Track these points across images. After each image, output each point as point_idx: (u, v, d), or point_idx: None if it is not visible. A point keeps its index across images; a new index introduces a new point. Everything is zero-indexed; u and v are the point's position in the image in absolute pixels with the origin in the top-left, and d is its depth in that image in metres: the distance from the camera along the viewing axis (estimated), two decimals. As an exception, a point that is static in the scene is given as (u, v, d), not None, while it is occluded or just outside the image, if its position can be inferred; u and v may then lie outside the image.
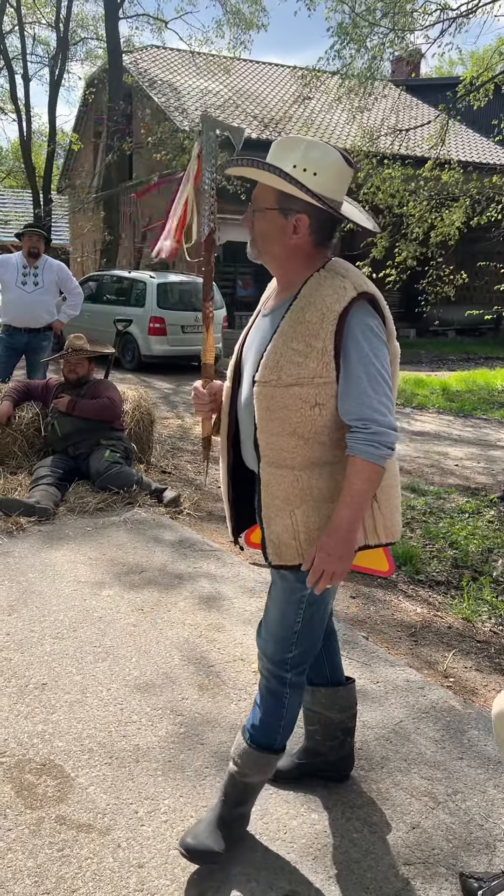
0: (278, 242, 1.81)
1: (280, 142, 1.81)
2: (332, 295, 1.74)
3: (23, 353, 6.26)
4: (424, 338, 18.16)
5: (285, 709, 2.00)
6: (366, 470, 1.73)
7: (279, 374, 1.76)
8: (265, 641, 2.00)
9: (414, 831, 2.14)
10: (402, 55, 11.12)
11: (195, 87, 17.85)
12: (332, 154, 1.76)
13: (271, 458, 1.82)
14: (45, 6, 18.88)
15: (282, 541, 1.85)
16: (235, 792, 2.04)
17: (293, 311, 1.79)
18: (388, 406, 1.75)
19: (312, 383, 1.75)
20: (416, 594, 3.81)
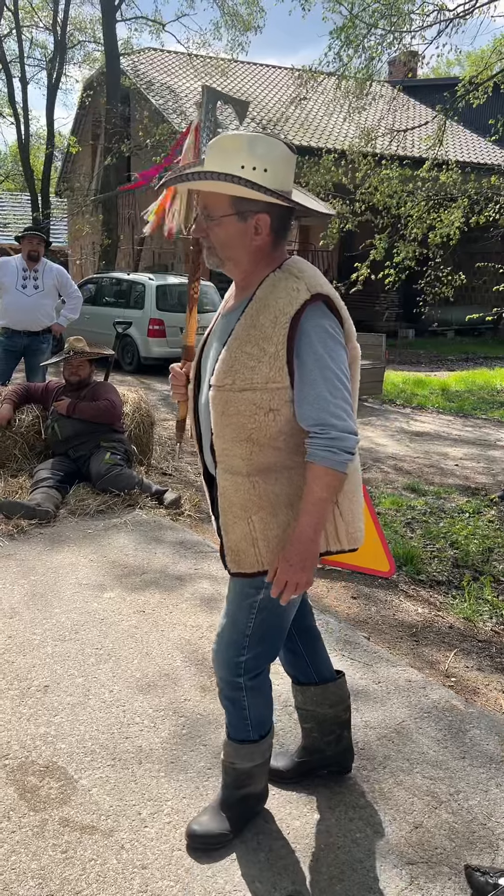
0: (241, 247, 1.74)
1: (218, 143, 1.70)
2: (285, 297, 1.69)
3: (22, 356, 6.27)
4: (423, 338, 18.17)
5: (247, 710, 2.01)
6: (325, 476, 1.69)
7: (233, 379, 1.71)
8: (217, 647, 2.00)
9: (417, 831, 2.15)
10: (400, 56, 11.13)
11: (193, 89, 17.87)
12: (277, 145, 1.69)
13: (227, 464, 1.78)
14: (43, 9, 18.92)
15: (240, 548, 1.82)
16: (230, 777, 2.09)
17: (247, 313, 1.74)
18: (346, 410, 1.70)
19: (266, 388, 1.70)
20: (417, 594, 3.81)
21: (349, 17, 9.37)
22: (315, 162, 10.62)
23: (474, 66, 9.88)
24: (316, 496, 1.71)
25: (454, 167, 10.26)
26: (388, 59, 13.69)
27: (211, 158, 1.69)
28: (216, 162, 1.66)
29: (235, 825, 2.07)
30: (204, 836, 2.03)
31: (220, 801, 2.10)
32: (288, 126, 16.90)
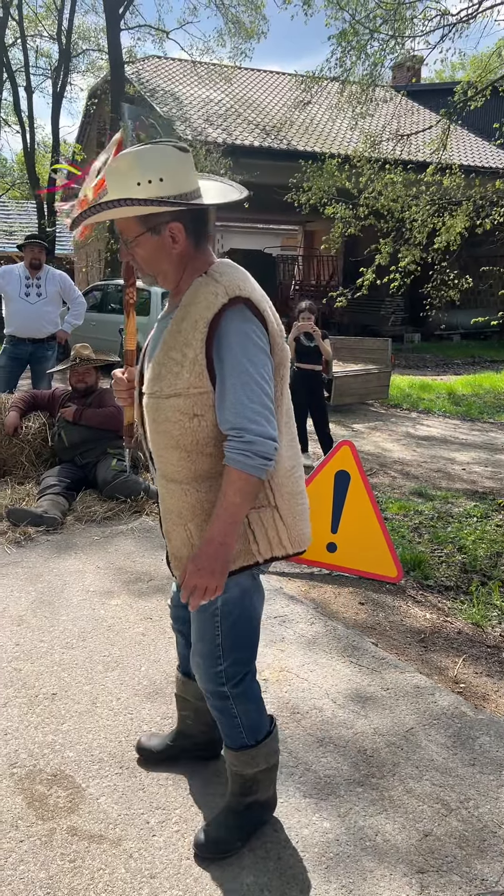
0: (164, 259, 1.74)
1: (111, 168, 1.69)
2: (203, 302, 1.68)
3: (27, 364, 6.29)
4: (430, 342, 18.14)
5: (237, 717, 2.00)
6: (239, 481, 1.66)
7: (160, 386, 1.72)
8: (193, 659, 2.00)
9: (427, 839, 2.13)
10: (403, 61, 11.16)
11: (197, 96, 17.93)
12: (166, 151, 1.66)
13: (162, 470, 1.79)
14: (47, 18, 19.05)
15: (181, 555, 1.82)
16: (237, 785, 2.09)
17: (174, 321, 1.74)
18: (263, 415, 1.66)
19: (188, 394, 1.69)
20: (424, 599, 3.79)
21: (351, 23, 9.38)
22: (319, 167, 10.63)
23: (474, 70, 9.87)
24: (228, 500, 1.67)
25: (458, 171, 10.25)
26: (391, 64, 13.70)
27: (110, 186, 1.69)
28: (114, 188, 1.67)
29: (243, 834, 2.07)
30: (211, 845, 2.03)
31: (227, 809, 2.11)
32: (293, 132, 16.94)
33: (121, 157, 1.66)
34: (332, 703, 2.78)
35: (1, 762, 2.39)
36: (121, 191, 1.65)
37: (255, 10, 15.92)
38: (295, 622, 3.41)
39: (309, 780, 2.36)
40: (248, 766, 2.05)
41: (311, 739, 2.56)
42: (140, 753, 2.42)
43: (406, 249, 9.45)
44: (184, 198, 1.66)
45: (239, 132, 16.28)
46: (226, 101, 18.12)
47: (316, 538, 4.01)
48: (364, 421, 8.78)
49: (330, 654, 3.14)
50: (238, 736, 2.02)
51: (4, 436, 5.28)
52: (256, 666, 3.00)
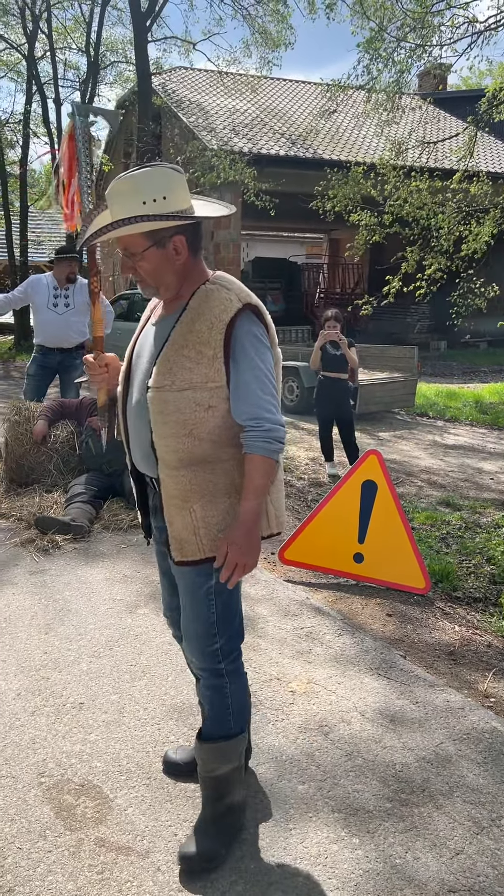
0: (168, 271, 1.89)
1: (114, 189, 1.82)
2: (220, 306, 1.85)
3: (56, 373, 6.34)
4: (456, 349, 18.00)
5: (229, 697, 2.08)
6: (263, 465, 1.87)
7: (172, 380, 1.86)
8: (188, 642, 2.07)
9: (458, 857, 2.10)
10: (430, 69, 11.12)
11: (223, 106, 18.03)
12: (166, 172, 1.83)
13: (168, 459, 1.90)
14: (76, 31, 19.27)
15: (183, 537, 1.94)
16: (211, 788, 2.10)
17: (183, 322, 1.89)
18: (275, 405, 1.89)
19: (205, 387, 1.85)
20: (453, 612, 3.75)
21: (377, 31, 9.38)
22: (344, 175, 10.63)
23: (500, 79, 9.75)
24: (256, 483, 1.87)
25: (485, 178, 10.18)
26: (418, 71, 13.66)
27: (114, 206, 1.82)
28: (120, 208, 1.79)
29: (226, 840, 2.09)
30: (200, 857, 2.02)
31: (206, 818, 2.11)
32: (318, 140, 16.97)
33: (125, 180, 1.80)
34: (360, 716, 2.75)
35: (29, 771, 2.40)
36: (126, 209, 1.78)
37: (281, 21, 15.96)
38: (322, 634, 3.39)
39: (337, 795, 2.34)
40: (225, 762, 2.08)
41: (339, 753, 2.53)
42: (166, 767, 2.42)
43: (432, 257, 9.41)
44: (183, 213, 1.83)
45: (264, 141, 16.34)
46: (251, 110, 18.21)
47: (343, 548, 3.99)
48: (390, 429, 8.72)
49: (358, 666, 3.11)
50: (226, 721, 2.08)
51: (33, 444, 5.33)
52: (284, 677, 3.00)
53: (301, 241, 28.88)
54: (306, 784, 2.38)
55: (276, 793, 2.34)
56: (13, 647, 3.19)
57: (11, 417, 5.47)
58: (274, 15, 15.81)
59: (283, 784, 2.38)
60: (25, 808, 2.24)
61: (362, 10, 9.38)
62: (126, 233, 1.80)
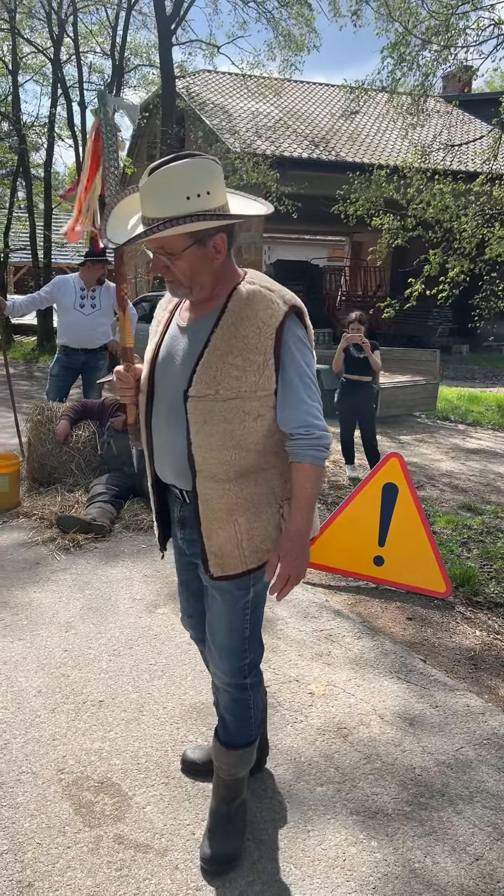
0: (207, 271, 1.77)
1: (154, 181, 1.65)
2: (266, 310, 1.76)
3: (79, 373, 6.39)
4: (478, 353, 17.87)
5: (252, 709, 2.06)
6: (314, 474, 1.82)
7: (216, 389, 1.75)
8: (219, 657, 2.01)
9: (478, 863, 2.08)
10: (455, 71, 11.07)
11: (246, 109, 18.08)
12: (207, 164, 1.68)
13: (211, 471, 1.80)
14: (100, 34, 19.43)
15: (225, 551, 1.86)
16: (229, 790, 2.11)
17: (224, 326, 1.77)
18: (321, 411, 1.83)
19: (254, 396, 1.76)
20: (474, 616, 3.72)
21: (402, 34, 9.36)
22: (367, 178, 10.61)
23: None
24: (307, 492, 1.82)
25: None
26: (443, 74, 13.60)
27: (153, 201, 1.65)
28: (161, 204, 1.64)
29: (241, 837, 2.10)
30: (221, 858, 2.03)
31: (221, 818, 2.11)
32: (341, 143, 16.95)
33: (165, 171, 1.64)
34: (379, 719, 2.74)
35: (49, 767, 2.42)
36: (170, 205, 1.63)
37: (305, 24, 15.96)
38: (341, 636, 3.38)
39: (356, 797, 2.33)
40: (244, 766, 2.08)
41: (357, 756, 2.52)
42: (185, 766, 2.42)
43: (455, 260, 9.35)
44: (226, 210, 1.71)
45: (287, 144, 16.35)
46: (275, 113, 18.23)
47: (363, 551, 3.98)
48: (411, 433, 8.68)
49: (377, 669, 3.10)
50: (248, 729, 2.06)
51: (55, 444, 5.37)
52: (303, 679, 2.99)
53: (323, 244, 28.84)
54: (325, 786, 2.38)
55: (295, 794, 2.34)
56: (34, 644, 3.22)
57: (34, 417, 5.52)
58: (298, 18, 15.82)
59: (302, 785, 2.38)
60: (45, 804, 2.25)
61: (388, 13, 9.36)
62: (173, 233, 1.66)
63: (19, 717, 2.68)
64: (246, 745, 2.07)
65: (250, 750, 2.09)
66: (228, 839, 2.07)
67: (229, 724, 2.06)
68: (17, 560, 4.16)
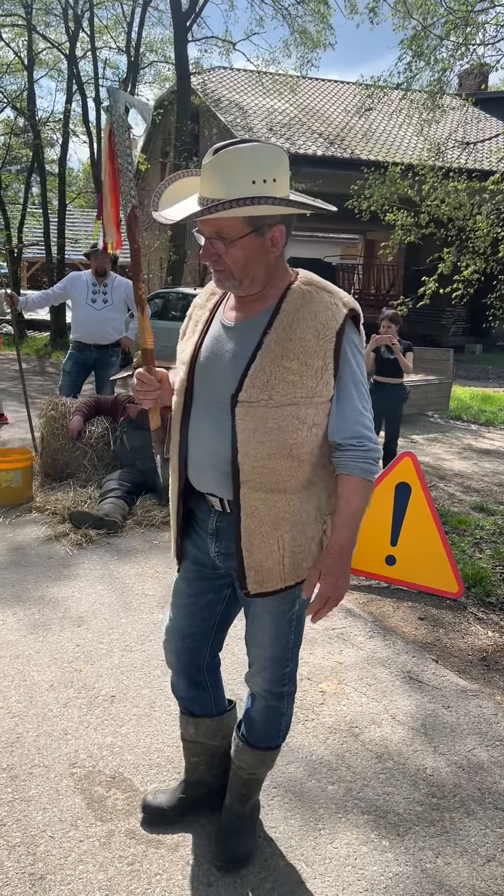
0: (261, 264, 1.66)
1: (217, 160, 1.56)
2: (326, 312, 1.67)
3: (92, 369, 6.41)
4: (492, 353, 17.80)
5: (284, 716, 2.03)
6: (363, 489, 1.72)
7: (270, 394, 1.65)
8: (260, 667, 1.96)
9: (489, 864, 2.07)
10: (471, 68, 11.00)
11: (261, 105, 18.05)
12: (274, 150, 1.60)
13: (260, 482, 1.70)
14: (115, 31, 19.44)
15: (265, 567, 1.76)
16: (247, 788, 2.09)
17: (279, 327, 1.67)
18: (372, 421, 1.74)
19: (311, 403, 1.66)
20: (486, 617, 3.70)
21: (420, 29, 9.30)
22: (381, 174, 10.56)
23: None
24: (355, 508, 1.72)
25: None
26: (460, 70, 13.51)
27: (214, 181, 1.57)
28: (225, 184, 1.55)
29: (254, 836, 2.11)
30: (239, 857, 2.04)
31: (238, 817, 2.10)
32: (356, 141, 16.89)
33: (232, 151, 1.55)
34: (391, 719, 2.74)
35: (62, 762, 2.43)
36: (235, 186, 1.54)
37: (321, 20, 15.91)
38: (353, 636, 3.38)
39: (367, 796, 2.33)
40: (266, 767, 2.08)
41: (369, 756, 2.52)
42: (146, 813, 2.19)
43: (469, 259, 9.30)
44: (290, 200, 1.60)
45: (302, 141, 16.32)
46: (289, 110, 18.20)
47: (375, 551, 3.97)
48: (424, 432, 8.65)
49: (389, 669, 3.09)
50: (275, 735, 2.03)
51: (68, 439, 5.39)
52: (315, 677, 2.99)
53: (336, 242, 28.74)
54: (336, 785, 2.37)
55: (306, 793, 2.34)
56: (46, 639, 3.23)
57: (48, 413, 5.54)
58: (314, 15, 15.77)
59: (313, 784, 2.38)
60: (57, 798, 2.26)
61: (405, 10, 9.31)
62: (234, 214, 1.56)
63: (32, 711, 2.69)
64: (270, 749, 2.04)
65: (274, 753, 2.06)
66: (242, 837, 2.07)
67: (257, 727, 2.02)
68: (30, 554, 4.18)
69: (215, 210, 1.53)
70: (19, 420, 7.46)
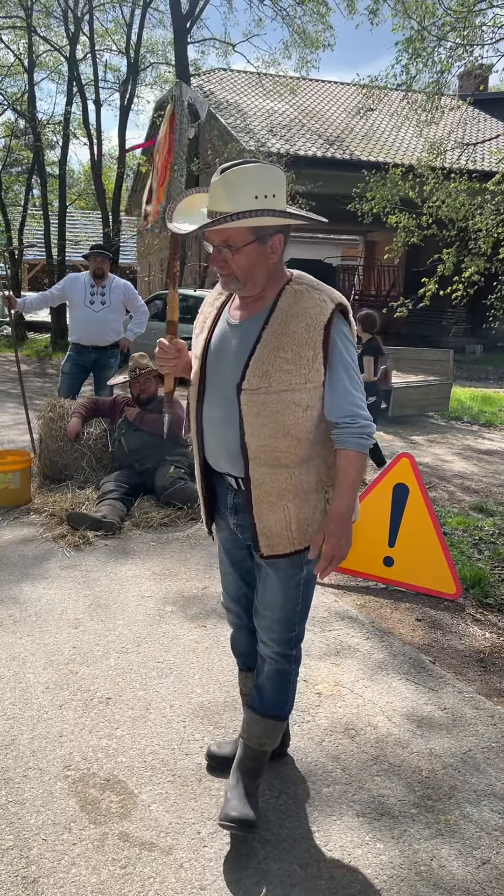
0: (262, 267, 1.90)
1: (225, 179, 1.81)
2: (315, 308, 1.90)
3: (90, 371, 6.40)
4: (492, 353, 17.76)
5: (291, 683, 2.21)
6: (358, 461, 1.96)
7: (269, 382, 1.89)
8: (269, 629, 2.13)
9: (484, 867, 2.06)
10: (471, 69, 11.00)
11: (261, 107, 18.05)
12: (275, 171, 1.86)
13: (264, 458, 1.94)
14: (116, 33, 19.44)
15: (274, 532, 2.00)
16: (256, 761, 2.19)
17: (274, 323, 1.91)
18: (364, 400, 1.97)
19: (304, 388, 1.90)
20: (484, 618, 3.69)
21: (417, 30, 9.29)
22: (382, 176, 10.56)
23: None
24: (352, 478, 1.96)
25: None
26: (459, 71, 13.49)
27: (222, 197, 1.81)
28: (231, 200, 1.79)
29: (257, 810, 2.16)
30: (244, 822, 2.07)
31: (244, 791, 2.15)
32: (355, 142, 16.89)
33: (238, 171, 1.81)
34: (387, 720, 2.73)
35: (56, 764, 2.42)
36: (240, 201, 1.79)
37: (321, 20, 15.90)
38: (350, 636, 3.37)
39: (362, 798, 2.32)
40: (273, 738, 2.19)
41: (365, 757, 2.51)
42: (212, 761, 2.43)
43: (470, 259, 9.30)
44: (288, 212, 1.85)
45: (302, 143, 16.31)
46: (289, 111, 18.20)
47: (373, 552, 3.96)
48: (423, 433, 8.64)
49: (386, 670, 3.08)
50: (283, 702, 2.19)
51: (67, 441, 5.38)
52: (311, 678, 2.98)
53: (336, 243, 28.73)
54: (331, 786, 2.37)
55: (301, 794, 2.33)
56: (42, 640, 3.23)
57: (46, 414, 5.54)
58: (313, 16, 15.76)
59: (308, 786, 2.37)
60: (51, 801, 2.26)
61: (404, 10, 9.30)
62: (239, 225, 1.81)
63: (27, 714, 2.69)
64: (278, 718, 2.18)
65: (281, 724, 2.20)
66: (248, 806, 2.11)
67: (267, 694, 2.17)
68: (27, 556, 4.18)
69: (223, 222, 1.78)
70: (18, 422, 7.47)
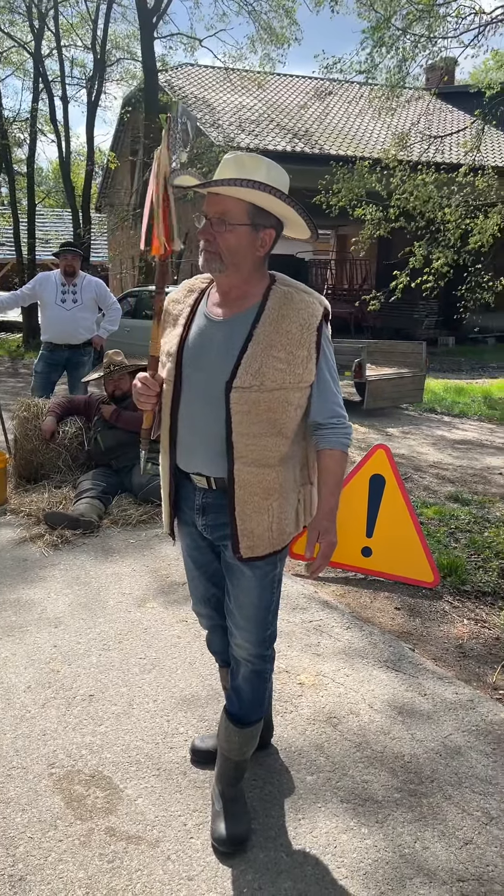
0: (248, 257, 1.88)
1: (238, 159, 1.83)
2: (307, 309, 1.91)
3: (64, 369, 6.37)
4: (464, 345, 17.95)
5: (267, 682, 2.20)
6: (343, 460, 2.00)
7: (262, 380, 1.86)
8: (245, 629, 2.10)
9: (467, 847, 2.10)
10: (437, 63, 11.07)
11: (229, 102, 18.02)
12: (284, 174, 1.88)
13: (251, 457, 1.91)
14: (81, 28, 19.26)
15: (256, 533, 1.97)
16: (238, 771, 2.19)
17: (266, 321, 1.89)
18: (343, 402, 2.01)
19: (297, 387, 1.90)
20: (462, 605, 3.75)
21: (383, 20, 9.32)
22: (349, 169, 10.61)
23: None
24: (338, 476, 2.01)
25: (491, 172, 10.14)
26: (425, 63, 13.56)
27: (234, 167, 1.82)
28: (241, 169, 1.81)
29: (249, 816, 2.17)
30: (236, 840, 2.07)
31: (232, 800, 2.17)
32: (325, 136, 16.92)
33: (253, 157, 1.83)
34: (369, 708, 2.76)
35: (40, 762, 2.42)
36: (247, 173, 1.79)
37: (286, 16, 15.91)
38: (330, 627, 3.40)
39: (346, 785, 2.35)
40: (254, 744, 2.18)
41: (348, 745, 2.54)
42: (195, 756, 2.44)
43: (439, 251, 9.39)
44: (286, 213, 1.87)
45: (270, 137, 16.31)
46: (257, 106, 18.18)
47: (351, 542, 3.99)
48: (398, 425, 8.71)
49: (366, 659, 3.12)
50: (261, 703, 2.18)
51: (42, 440, 5.35)
52: (292, 670, 3.01)
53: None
54: (315, 775, 2.39)
55: (285, 783, 2.35)
56: (23, 640, 3.22)
57: (20, 414, 5.50)
58: (278, 11, 15.77)
59: (292, 775, 2.39)
60: (36, 799, 2.25)
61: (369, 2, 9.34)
62: (243, 197, 1.80)
63: (9, 713, 2.68)
64: (258, 721, 2.18)
65: (259, 726, 2.19)
66: (240, 819, 2.12)
67: (245, 697, 2.15)
68: (4, 557, 4.15)
69: (231, 183, 1.75)
70: (-8, 422, 7.38)
